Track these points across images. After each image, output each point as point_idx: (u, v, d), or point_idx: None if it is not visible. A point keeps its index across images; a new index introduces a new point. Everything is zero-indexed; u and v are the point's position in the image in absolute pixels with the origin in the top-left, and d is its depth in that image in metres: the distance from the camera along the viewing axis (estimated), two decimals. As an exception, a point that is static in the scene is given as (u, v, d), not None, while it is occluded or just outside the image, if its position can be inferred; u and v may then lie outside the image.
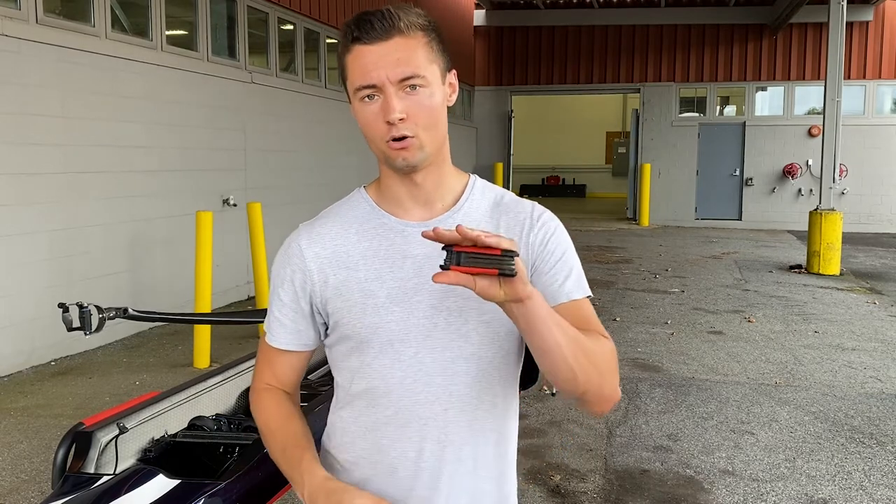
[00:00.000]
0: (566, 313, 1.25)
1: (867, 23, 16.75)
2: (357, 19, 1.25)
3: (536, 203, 1.40)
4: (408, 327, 1.30)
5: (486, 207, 1.37)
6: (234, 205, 8.11)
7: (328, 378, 2.50)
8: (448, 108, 1.33)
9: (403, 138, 1.25)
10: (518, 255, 1.06)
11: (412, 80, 1.24)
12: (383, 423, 1.32)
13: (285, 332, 1.38)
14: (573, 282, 1.32)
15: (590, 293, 1.34)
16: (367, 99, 1.25)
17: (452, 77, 1.33)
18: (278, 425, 1.37)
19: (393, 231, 1.33)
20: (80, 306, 2.51)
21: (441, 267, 1.06)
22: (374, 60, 1.23)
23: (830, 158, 10.94)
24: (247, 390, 2.31)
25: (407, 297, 1.30)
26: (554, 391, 5.04)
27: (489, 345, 1.32)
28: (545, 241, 1.34)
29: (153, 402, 2.12)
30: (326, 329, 1.38)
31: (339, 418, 1.39)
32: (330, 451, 1.41)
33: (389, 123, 1.24)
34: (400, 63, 1.23)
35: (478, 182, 1.41)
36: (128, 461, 1.92)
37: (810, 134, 17.01)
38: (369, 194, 1.39)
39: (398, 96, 1.23)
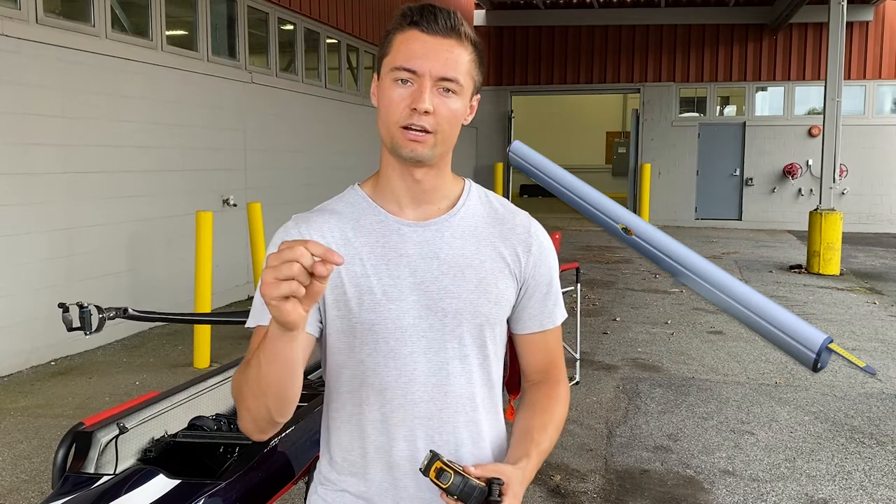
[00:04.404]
0: (543, 339, 1.42)
1: (867, 23, 16.75)
2: (421, 7, 1.28)
3: (527, 213, 1.44)
4: (403, 326, 1.30)
5: (482, 214, 1.39)
6: (234, 205, 8.11)
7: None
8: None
9: (423, 131, 1.26)
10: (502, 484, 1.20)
11: (450, 83, 1.27)
12: (379, 421, 1.32)
13: None
14: (560, 307, 1.45)
15: (566, 313, 1.48)
16: (399, 82, 1.27)
17: (475, 101, 1.36)
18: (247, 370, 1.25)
19: (389, 229, 1.34)
20: (80, 306, 2.51)
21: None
22: (425, 49, 1.26)
23: (830, 158, 10.94)
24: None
25: (402, 295, 1.30)
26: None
27: (482, 346, 1.35)
28: (538, 265, 1.40)
29: (153, 402, 2.12)
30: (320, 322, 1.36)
31: (333, 418, 1.37)
32: (326, 450, 1.41)
33: (413, 110, 1.25)
34: (448, 63, 1.26)
35: (473, 187, 1.43)
36: (128, 461, 1.92)
37: (810, 134, 17.01)
38: (364, 191, 1.39)
39: (432, 92, 1.26)
